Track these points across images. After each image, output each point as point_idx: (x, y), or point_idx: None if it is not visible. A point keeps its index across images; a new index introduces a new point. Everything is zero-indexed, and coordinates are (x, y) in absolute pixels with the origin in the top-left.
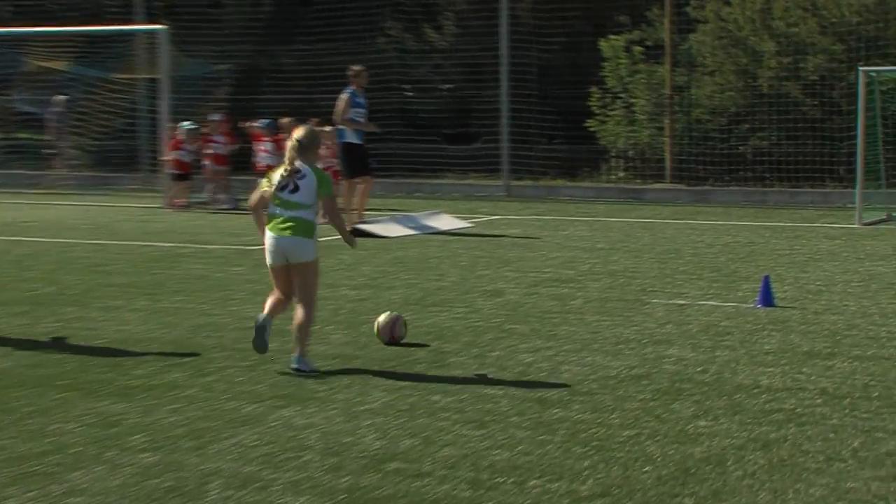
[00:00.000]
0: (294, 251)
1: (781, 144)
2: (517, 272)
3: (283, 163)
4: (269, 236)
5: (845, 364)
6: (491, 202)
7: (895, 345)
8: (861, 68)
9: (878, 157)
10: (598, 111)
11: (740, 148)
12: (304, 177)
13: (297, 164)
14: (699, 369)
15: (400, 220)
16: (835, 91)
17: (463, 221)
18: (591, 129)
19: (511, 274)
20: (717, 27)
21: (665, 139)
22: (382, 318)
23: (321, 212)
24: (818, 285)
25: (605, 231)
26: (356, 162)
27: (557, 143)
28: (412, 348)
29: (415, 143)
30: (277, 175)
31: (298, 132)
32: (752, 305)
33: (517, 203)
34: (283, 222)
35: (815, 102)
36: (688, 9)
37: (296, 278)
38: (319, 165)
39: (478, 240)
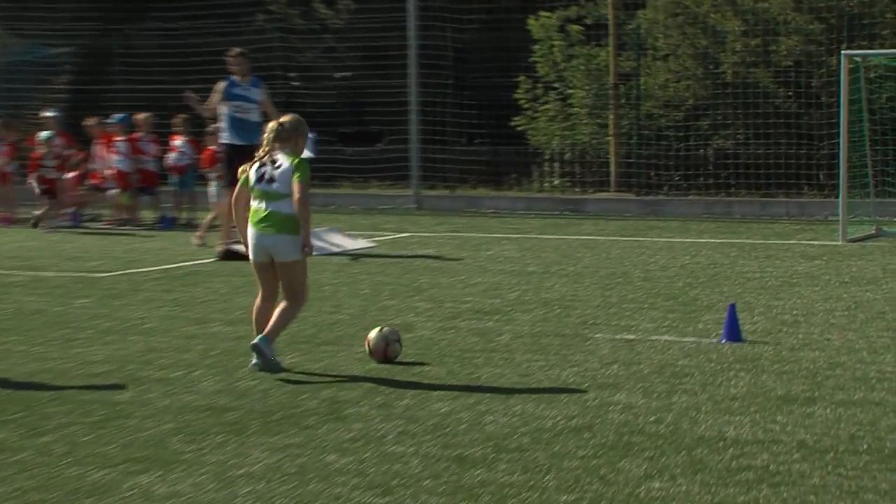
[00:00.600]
0: (277, 250)
1: (749, 144)
2: (431, 302)
3: (260, 151)
4: (250, 231)
5: (828, 411)
6: (398, 216)
7: (886, 387)
8: (844, 52)
9: (864, 159)
10: (527, 105)
11: (700, 149)
12: (280, 165)
13: (275, 152)
14: (652, 419)
15: None
16: (813, 79)
17: (363, 240)
18: (520, 126)
19: (423, 304)
20: (671, 2)
21: (609, 138)
22: (373, 335)
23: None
24: (795, 315)
25: (538, 251)
26: (234, 168)
27: (479, 143)
28: (302, 397)
29: None
30: (257, 164)
31: (284, 117)
32: (715, 340)
33: (430, 217)
34: (263, 217)
35: (790, 93)
36: None
37: (281, 277)
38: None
39: (382, 262)
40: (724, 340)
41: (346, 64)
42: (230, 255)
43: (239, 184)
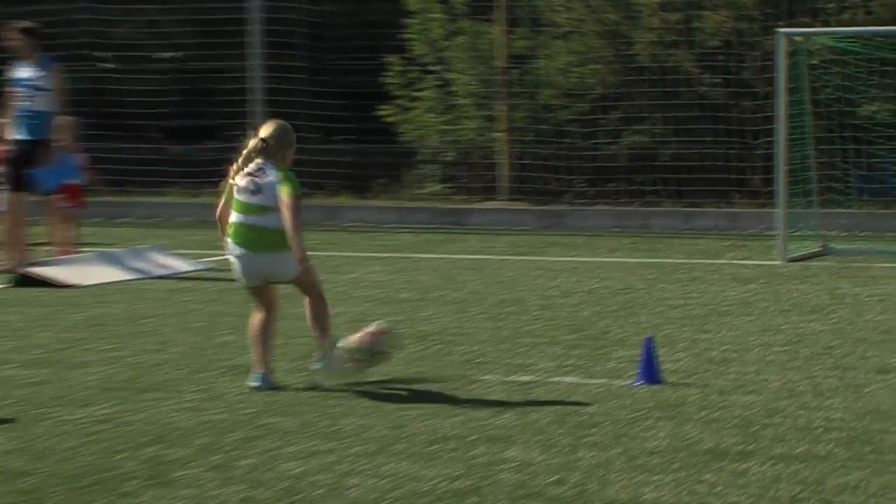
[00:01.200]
0: (274, 271)
1: (670, 142)
2: (280, 338)
3: (239, 161)
4: (236, 251)
5: (765, 467)
6: None
7: (834, 437)
8: (781, 30)
9: (807, 161)
10: (399, 92)
11: (611, 147)
12: (268, 178)
13: (259, 162)
14: (553, 479)
15: (96, 258)
16: (745, 64)
17: (194, 261)
18: (390, 118)
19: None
20: None
21: (500, 135)
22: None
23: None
24: (725, 351)
25: (413, 273)
26: (19, 168)
27: (339, 140)
28: (118, 457)
29: (117, 140)
30: (240, 176)
31: (265, 129)
32: (629, 382)
33: None
34: (245, 232)
35: (718, 80)
36: None
37: (294, 286)
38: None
39: (218, 288)
40: (639, 382)
41: (173, 42)
42: (25, 282)
43: (223, 197)
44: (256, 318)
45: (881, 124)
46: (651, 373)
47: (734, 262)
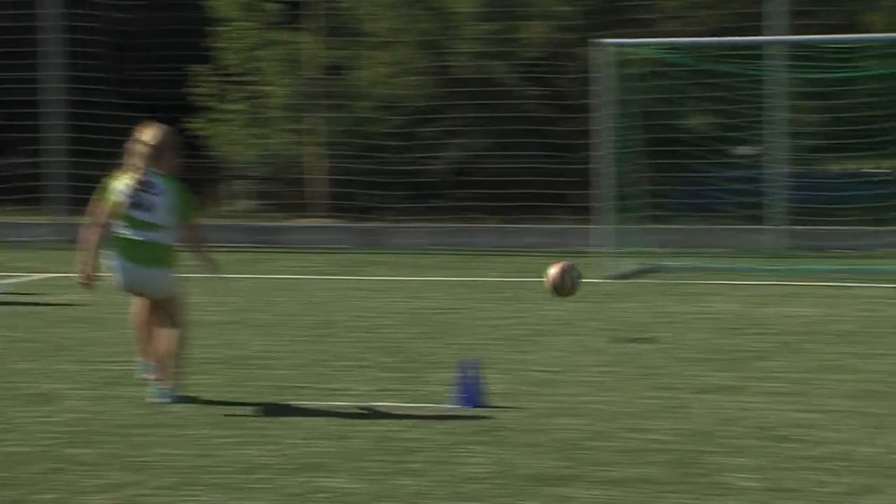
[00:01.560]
0: (152, 285)
1: (491, 157)
2: (80, 364)
3: (128, 172)
4: (120, 263)
5: (589, 492)
6: (35, 251)
7: (660, 460)
8: (603, 41)
9: (631, 175)
10: (208, 105)
11: (430, 162)
12: (158, 193)
13: (149, 175)
14: None
15: None
16: (567, 75)
17: None
18: (197, 132)
19: (69, 367)
20: None
21: (314, 149)
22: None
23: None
24: (547, 372)
25: (223, 294)
26: None
27: None
28: None
29: None
30: (124, 187)
31: (148, 134)
32: (449, 406)
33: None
34: (133, 247)
35: (539, 93)
36: None
37: (154, 307)
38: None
39: (12, 312)
40: (460, 406)
41: None
42: None
43: (102, 206)
44: (137, 306)
45: (706, 137)
46: (472, 396)
47: None
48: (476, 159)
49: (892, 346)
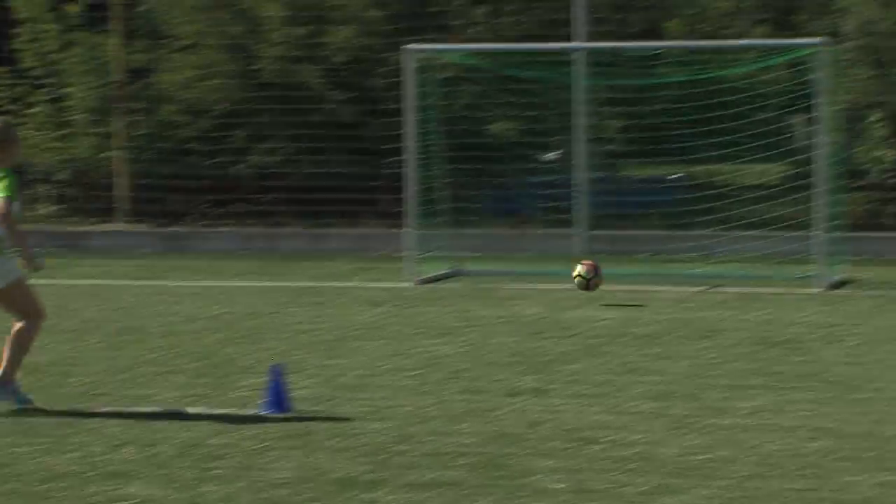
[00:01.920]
0: None
1: (298, 161)
2: None
3: None
4: None
5: (395, 496)
6: None
7: (465, 463)
8: (409, 47)
9: (438, 180)
10: (9, 107)
11: (237, 166)
12: None
13: None
14: None
15: None
16: (374, 80)
17: None
18: None
19: None
20: None
21: (118, 153)
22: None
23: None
24: (355, 377)
25: None
26: None
27: None
28: None
29: None
30: None
31: None
32: (257, 411)
33: None
34: None
35: (345, 98)
36: None
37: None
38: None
39: None
40: (268, 411)
41: None
42: None
43: None
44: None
45: (509, 143)
46: (279, 401)
47: (364, 284)
48: (284, 164)
49: (693, 349)
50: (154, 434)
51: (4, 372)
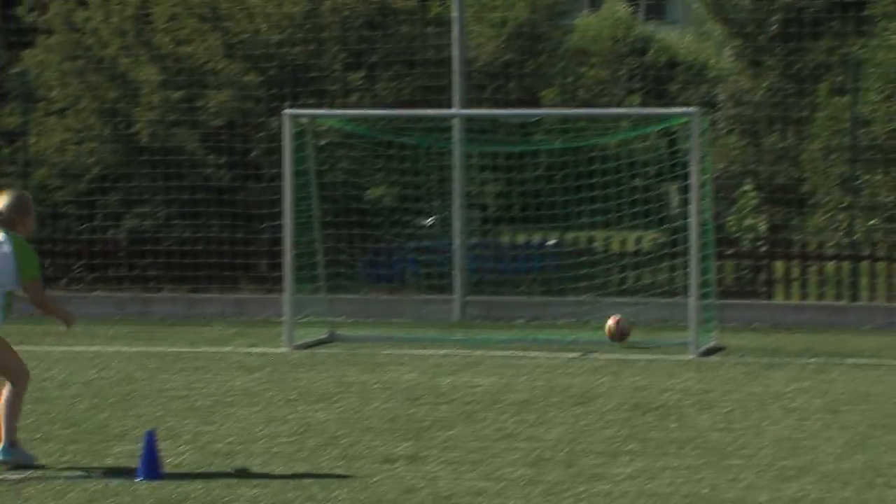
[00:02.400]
0: None
1: (173, 226)
2: None
3: None
4: None
5: None
6: None
7: None
8: (287, 112)
9: (314, 245)
10: None
11: (111, 231)
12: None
13: None
14: None
15: None
16: (252, 144)
17: None
18: None
19: None
20: (68, 41)
21: None
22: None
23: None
24: (230, 443)
25: None
26: None
27: None
28: None
29: None
30: None
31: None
32: (130, 479)
33: None
34: None
35: (222, 161)
36: (19, 9)
37: None
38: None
39: None
40: (140, 478)
41: None
42: None
43: None
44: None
45: (387, 208)
46: (152, 468)
47: (240, 350)
48: (158, 228)
49: (569, 415)
50: (25, 503)
51: (7, 437)
